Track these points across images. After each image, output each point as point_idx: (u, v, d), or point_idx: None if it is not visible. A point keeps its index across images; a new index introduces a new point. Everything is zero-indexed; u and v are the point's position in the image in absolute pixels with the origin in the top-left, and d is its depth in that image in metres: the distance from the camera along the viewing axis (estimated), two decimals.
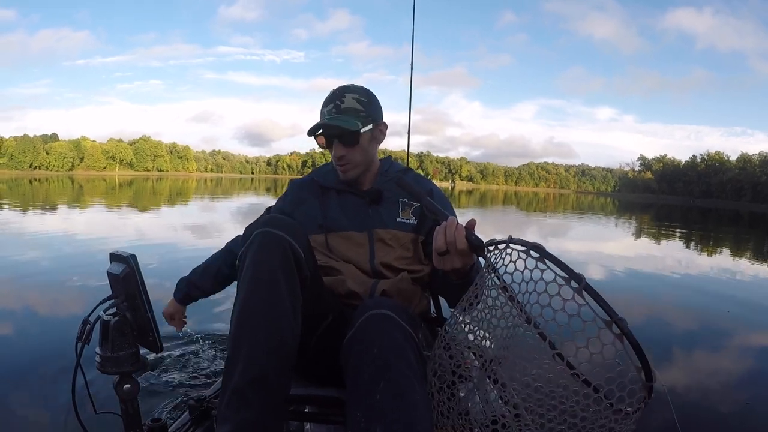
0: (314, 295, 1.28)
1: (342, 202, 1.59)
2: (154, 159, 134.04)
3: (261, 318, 1.12)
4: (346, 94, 1.50)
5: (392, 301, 1.22)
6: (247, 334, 1.10)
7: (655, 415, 2.66)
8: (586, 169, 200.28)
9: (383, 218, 1.56)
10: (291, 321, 1.14)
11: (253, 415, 1.05)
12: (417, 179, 1.69)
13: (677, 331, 4.52)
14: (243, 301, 1.14)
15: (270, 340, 1.10)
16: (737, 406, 2.92)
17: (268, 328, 1.11)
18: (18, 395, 2.63)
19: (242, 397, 1.06)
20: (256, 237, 1.18)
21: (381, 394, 1.02)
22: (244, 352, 1.09)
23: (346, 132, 1.49)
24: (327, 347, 1.37)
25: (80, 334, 1.17)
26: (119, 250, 1.23)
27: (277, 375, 1.10)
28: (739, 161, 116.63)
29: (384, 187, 1.60)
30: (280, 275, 1.14)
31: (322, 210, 1.58)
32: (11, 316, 3.92)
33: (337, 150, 1.51)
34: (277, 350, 1.11)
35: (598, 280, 6.59)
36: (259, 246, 1.17)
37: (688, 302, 5.69)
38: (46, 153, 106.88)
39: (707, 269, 8.37)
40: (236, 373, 1.08)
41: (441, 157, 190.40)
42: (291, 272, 1.16)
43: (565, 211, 28.60)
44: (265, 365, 1.08)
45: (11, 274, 5.27)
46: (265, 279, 1.14)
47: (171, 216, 14.08)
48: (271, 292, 1.13)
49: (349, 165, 1.54)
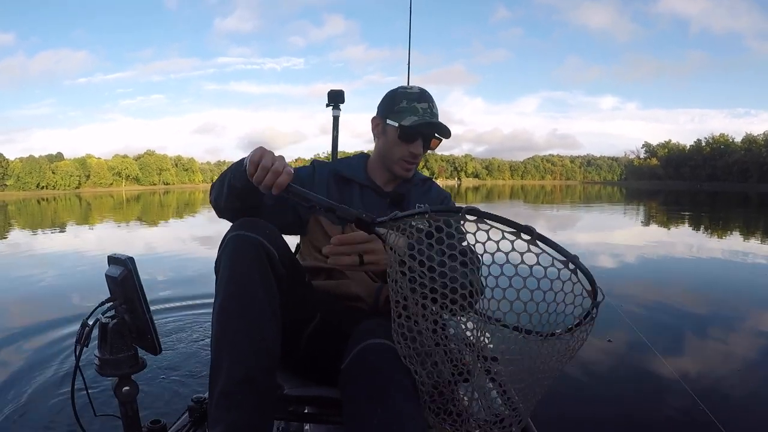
0: (296, 294, 1.29)
1: (363, 199, 1.59)
2: (159, 173, 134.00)
3: (240, 319, 1.13)
4: (433, 100, 1.57)
5: (388, 326, 1.17)
6: (229, 337, 1.12)
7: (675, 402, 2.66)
8: (591, 159, 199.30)
9: None
10: (271, 319, 1.16)
11: (243, 415, 1.06)
12: (432, 188, 1.73)
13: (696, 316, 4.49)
14: (221, 304, 1.15)
15: (252, 340, 1.11)
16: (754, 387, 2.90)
17: (248, 328, 1.12)
18: (18, 398, 2.64)
19: (231, 398, 1.07)
20: (229, 241, 1.20)
21: (377, 423, 1.02)
22: (227, 355, 1.10)
23: (446, 134, 1.57)
24: (322, 348, 1.38)
25: (79, 336, 1.17)
26: (117, 253, 1.23)
27: (263, 374, 1.11)
28: (744, 142, 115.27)
29: (405, 192, 1.63)
30: (255, 275, 1.16)
31: (343, 201, 1.54)
32: (13, 321, 3.96)
33: (420, 149, 1.55)
34: (260, 349, 1.12)
35: (612, 268, 6.56)
36: (233, 249, 1.18)
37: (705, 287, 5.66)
38: (52, 173, 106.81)
39: (718, 253, 8.30)
40: (222, 375, 1.09)
41: (446, 156, 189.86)
42: (265, 272, 1.17)
43: (572, 202, 28.55)
44: (250, 366, 1.10)
45: (22, 287, 5.32)
46: (240, 281, 1.15)
47: (181, 227, 14.15)
48: (247, 293, 1.14)
49: (416, 166, 1.60)
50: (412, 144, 1.53)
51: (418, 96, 1.54)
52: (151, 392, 2.54)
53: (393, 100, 1.56)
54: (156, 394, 2.58)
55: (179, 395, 2.51)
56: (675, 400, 2.65)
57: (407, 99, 1.53)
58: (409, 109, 1.52)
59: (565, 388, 2.82)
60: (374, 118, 1.61)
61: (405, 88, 1.57)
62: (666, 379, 2.92)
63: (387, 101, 1.58)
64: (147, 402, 2.37)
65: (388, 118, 1.55)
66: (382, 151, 1.60)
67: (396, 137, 1.53)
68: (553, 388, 1.14)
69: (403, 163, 1.56)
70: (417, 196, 1.64)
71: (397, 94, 1.56)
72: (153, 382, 2.67)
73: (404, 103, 1.53)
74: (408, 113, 1.52)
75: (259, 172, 1.18)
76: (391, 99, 1.57)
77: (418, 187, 1.67)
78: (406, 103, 1.53)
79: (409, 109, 1.52)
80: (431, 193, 1.69)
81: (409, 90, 1.56)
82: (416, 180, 1.67)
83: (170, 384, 2.75)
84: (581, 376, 3.03)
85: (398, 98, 1.54)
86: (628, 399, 2.79)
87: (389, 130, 1.55)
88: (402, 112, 1.52)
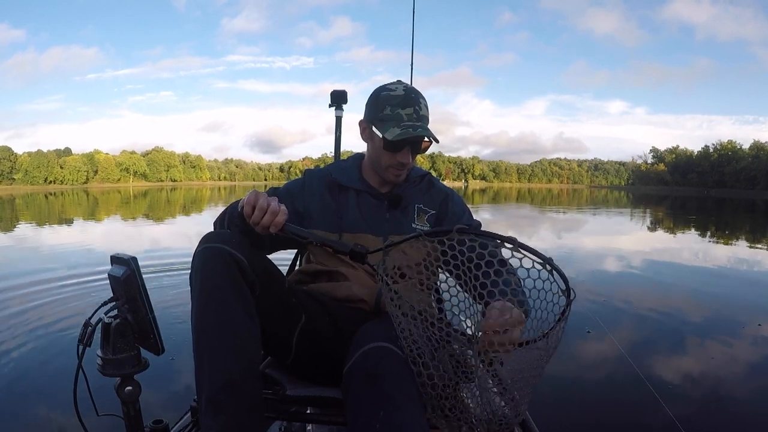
0: (274, 298, 1.31)
1: (360, 204, 1.57)
2: (167, 169, 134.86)
3: (216, 327, 1.16)
4: (420, 99, 1.49)
5: (390, 328, 1.19)
6: (206, 345, 1.16)
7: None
8: (598, 164, 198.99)
9: (400, 224, 1.54)
10: (247, 325, 1.19)
11: (230, 419, 1.10)
12: (435, 184, 1.67)
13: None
14: (196, 315, 1.19)
15: (228, 346, 1.15)
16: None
17: (223, 335, 1.16)
18: (20, 398, 2.65)
19: (216, 404, 1.11)
20: (197, 256, 1.23)
21: (380, 427, 1.02)
22: (207, 363, 1.14)
23: (429, 142, 1.50)
24: (318, 350, 1.40)
25: (81, 336, 1.17)
26: (120, 252, 1.23)
27: (245, 377, 1.15)
28: (752, 149, 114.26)
29: (403, 192, 1.59)
30: (226, 283, 1.19)
31: (340, 209, 1.55)
32: (20, 321, 3.97)
33: (408, 158, 1.49)
34: (239, 354, 1.16)
35: (622, 273, 6.55)
36: (202, 262, 1.21)
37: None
38: (60, 167, 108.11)
39: (724, 261, 8.26)
40: (205, 383, 1.13)
41: (453, 157, 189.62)
42: (236, 280, 1.20)
43: (579, 206, 28.46)
44: (231, 370, 1.13)
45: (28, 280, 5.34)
46: (212, 291, 1.18)
47: (188, 223, 14.19)
48: (220, 302, 1.18)
49: (406, 171, 1.55)
50: (399, 153, 1.48)
51: (402, 100, 1.46)
52: (153, 392, 2.54)
53: (377, 106, 1.49)
54: (158, 394, 2.58)
55: (181, 395, 2.51)
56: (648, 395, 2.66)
57: (390, 105, 1.46)
58: (393, 118, 1.45)
59: (565, 387, 2.87)
60: (361, 122, 1.56)
61: (389, 90, 1.49)
62: (655, 377, 2.92)
63: (371, 105, 1.52)
64: (149, 402, 2.36)
65: (373, 125, 1.50)
66: (372, 156, 1.56)
67: (382, 147, 1.49)
68: (553, 388, 1.16)
69: (393, 170, 1.53)
70: (416, 196, 1.60)
71: (380, 99, 1.49)
72: (155, 382, 2.67)
73: (388, 110, 1.46)
74: (391, 123, 1.45)
75: (256, 213, 1.25)
76: (374, 103, 1.50)
77: (416, 185, 1.62)
78: (390, 110, 1.46)
79: (392, 118, 1.45)
80: (432, 191, 1.63)
81: (392, 92, 1.48)
82: (413, 177, 1.63)
83: (173, 384, 2.76)
84: (582, 376, 3.08)
85: (381, 103, 1.48)
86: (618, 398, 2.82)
87: (375, 138, 1.51)
88: (386, 121, 1.46)
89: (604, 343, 3.67)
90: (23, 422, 2.41)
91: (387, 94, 1.49)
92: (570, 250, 8.68)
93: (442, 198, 1.62)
